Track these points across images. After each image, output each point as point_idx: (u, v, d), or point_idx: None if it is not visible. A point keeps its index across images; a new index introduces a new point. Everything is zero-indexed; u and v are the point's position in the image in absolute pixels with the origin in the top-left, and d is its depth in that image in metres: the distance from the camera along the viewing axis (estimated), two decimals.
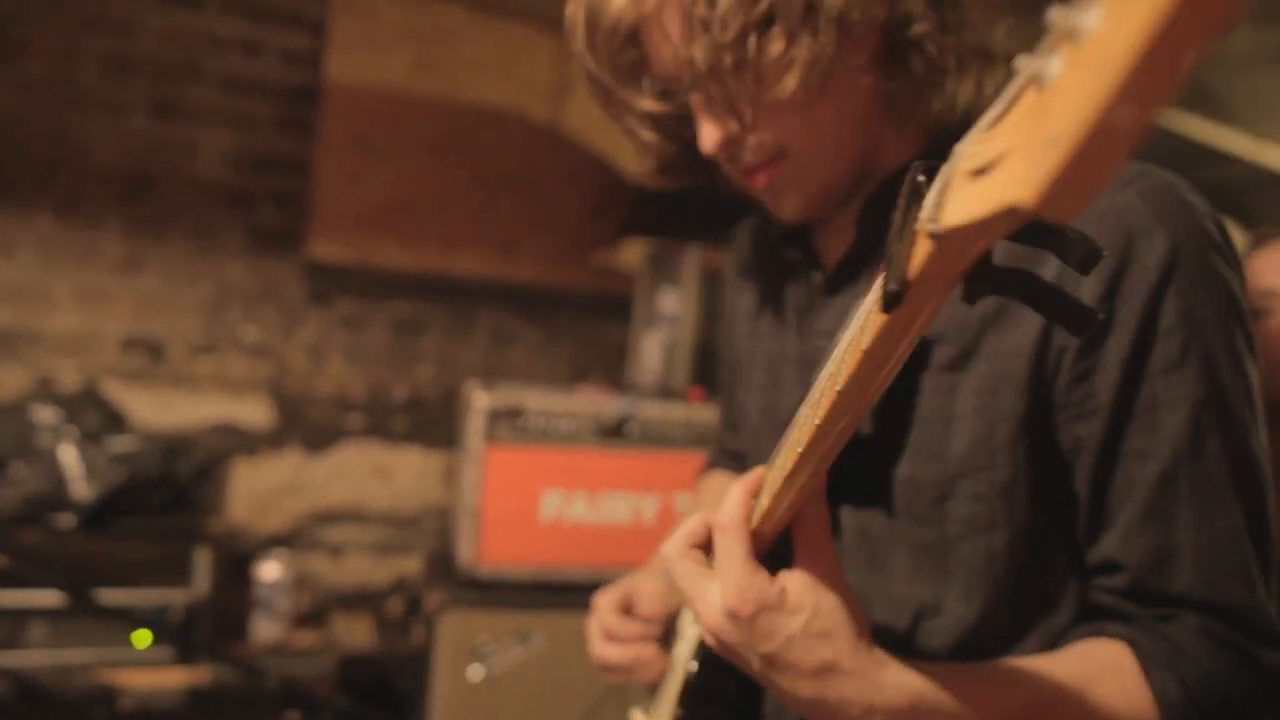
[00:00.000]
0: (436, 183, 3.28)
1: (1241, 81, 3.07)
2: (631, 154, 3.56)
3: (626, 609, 1.15)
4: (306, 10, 3.05)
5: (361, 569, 3.15)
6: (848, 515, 0.93)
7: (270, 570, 2.72)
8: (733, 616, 0.72)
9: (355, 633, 3.07)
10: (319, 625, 3.05)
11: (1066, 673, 0.75)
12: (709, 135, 0.88)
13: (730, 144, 0.88)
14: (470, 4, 3.24)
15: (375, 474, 3.19)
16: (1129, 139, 0.34)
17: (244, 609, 2.75)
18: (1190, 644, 0.76)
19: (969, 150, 0.47)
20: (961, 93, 0.90)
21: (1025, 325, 0.81)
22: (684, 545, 0.81)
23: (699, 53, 0.82)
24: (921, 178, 0.52)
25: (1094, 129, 0.33)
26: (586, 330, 3.53)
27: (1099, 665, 0.76)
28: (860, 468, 0.88)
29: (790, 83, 0.82)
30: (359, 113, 3.12)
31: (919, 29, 0.85)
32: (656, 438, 2.49)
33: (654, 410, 2.52)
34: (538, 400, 2.41)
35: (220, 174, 2.97)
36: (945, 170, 0.49)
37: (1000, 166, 0.41)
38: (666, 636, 1.13)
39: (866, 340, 0.56)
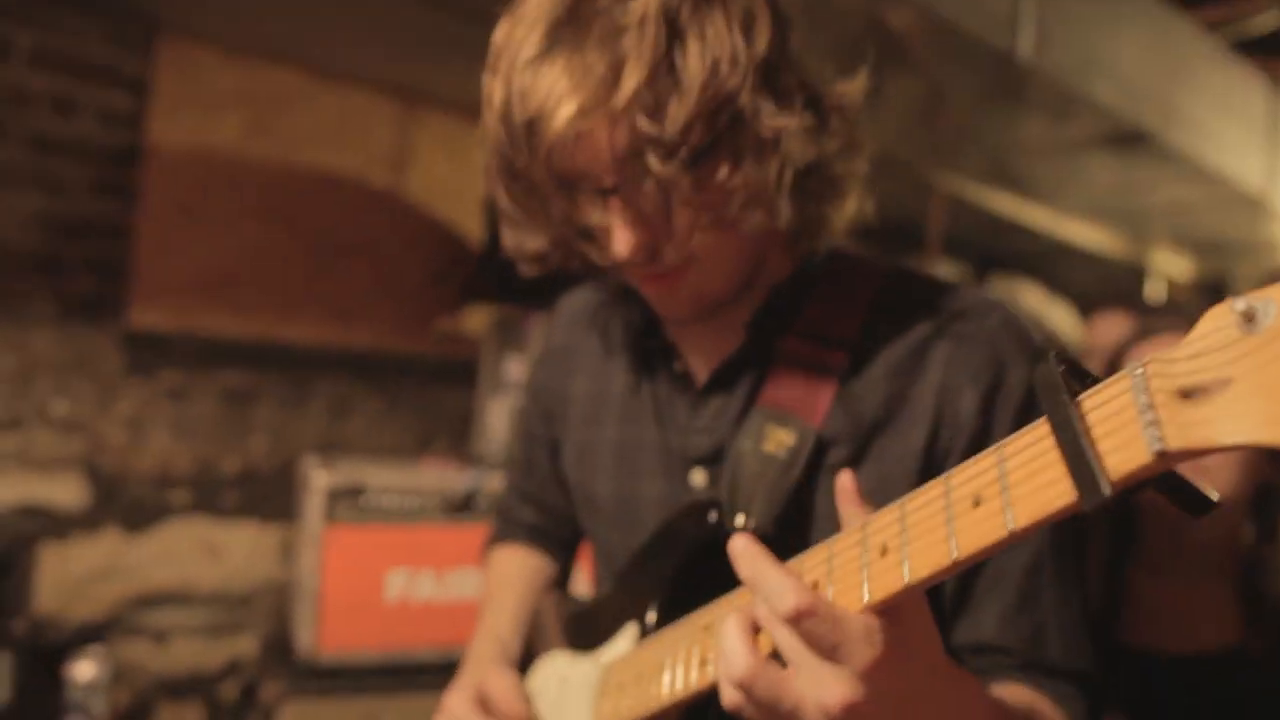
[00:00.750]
0: (269, 249, 3.17)
1: (1043, 165, 3.39)
2: (475, 220, 3.56)
3: (484, 707, 1.09)
4: (127, 67, 2.91)
5: (189, 654, 2.94)
6: None
7: (84, 670, 2.51)
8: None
9: None
10: (143, 714, 2.83)
11: (1015, 704, 0.83)
12: (625, 241, 0.87)
13: (645, 251, 0.88)
14: (306, 68, 3.18)
15: (204, 552, 3.00)
16: None
17: (54, 714, 2.51)
18: (1073, 697, 0.88)
19: (1165, 369, 0.52)
20: (845, 211, 0.97)
21: (913, 430, 0.91)
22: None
23: (643, 167, 0.82)
24: (1061, 368, 0.57)
25: None
26: (430, 399, 3.47)
27: (1028, 700, 0.86)
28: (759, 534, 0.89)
29: (731, 208, 0.85)
30: (184, 177, 2.99)
31: (836, 170, 0.92)
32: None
33: (501, 483, 2.50)
34: (379, 477, 2.34)
35: (26, 239, 2.77)
36: (1122, 384, 0.54)
37: (1228, 398, 0.48)
38: None
39: (1026, 522, 0.58)
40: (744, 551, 0.72)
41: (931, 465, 0.90)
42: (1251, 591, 1.36)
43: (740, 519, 0.92)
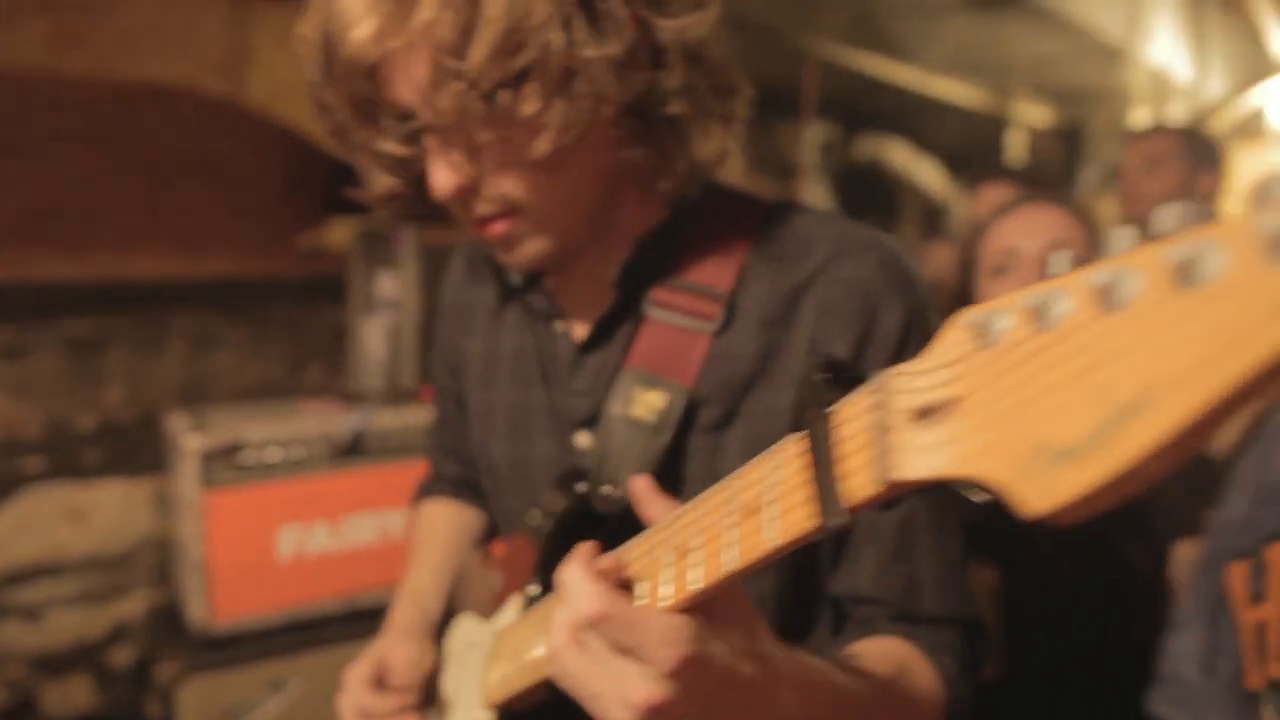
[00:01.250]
0: (98, 177, 2.84)
1: (909, 26, 3.33)
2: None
3: (379, 682, 1.10)
4: None
5: (68, 626, 2.78)
6: None
7: None
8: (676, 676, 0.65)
9: (72, 699, 2.72)
10: (25, 705, 2.68)
11: (883, 665, 0.83)
12: (443, 180, 0.84)
13: (464, 191, 0.85)
14: None
15: (69, 518, 2.79)
16: (1157, 471, 0.35)
17: None
18: (949, 644, 0.89)
19: (908, 384, 0.49)
20: (706, 150, 0.91)
21: (785, 386, 0.89)
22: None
23: (446, 100, 0.77)
24: (829, 407, 0.55)
25: (1138, 464, 0.35)
26: (299, 321, 3.26)
27: (899, 656, 0.86)
28: (630, 530, 0.89)
29: (541, 145, 0.80)
30: None
31: (673, 107, 0.85)
32: (395, 449, 2.36)
33: (388, 419, 2.39)
34: (256, 429, 2.19)
35: None
36: (870, 400, 0.52)
37: (963, 420, 0.44)
38: (426, 702, 1.10)
39: (781, 540, 0.58)
40: (572, 559, 0.73)
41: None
42: None
43: (607, 489, 0.92)
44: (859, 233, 0.94)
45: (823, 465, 0.54)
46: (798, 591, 0.93)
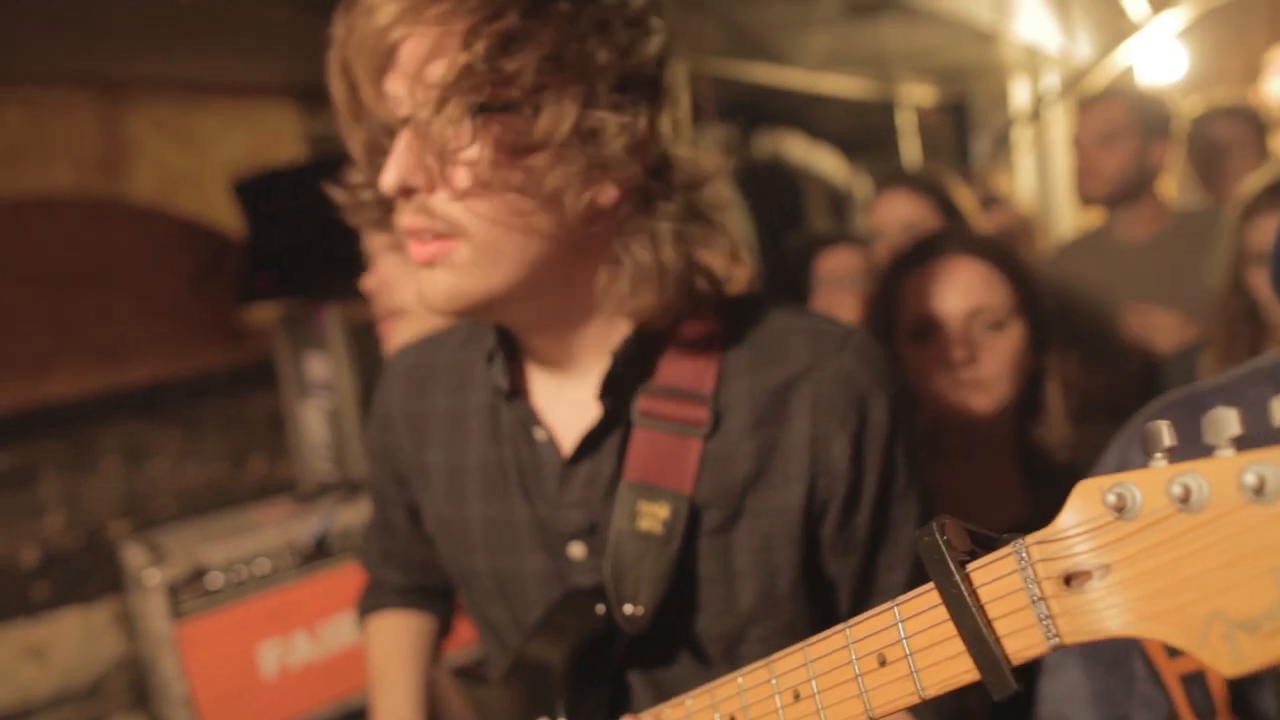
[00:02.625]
0: None
1: (793, 38, 3.41)
2: (226, 208, 3.18)
3: None
4: None
5: None
6: (637, 677, 0.99)
7: None
8: None
9: None
10: None
11: None
12: (393, 170, 0.85)
13: (406, 191, 0.86)
14: None
15: (29, 659, 2.70)
16: None
17: None
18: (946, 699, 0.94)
19: (1047, 551, 0.54)
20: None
21: (790, 485, 0.92)
22: None
23: (436, 84, 0.80)
24: (959, 561, 0.59)
25: None
26: (231, 414, 3.20)
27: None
28: (653, 636, 0.94)
29: (530, 179, 0.84)
30: None
31: (661, 227, 0.90)
32: (360, 545, 2.35)
33: (348, 516, 2.37)
34: (217, 551, 2.16)
35: None
36: (1008, 564, 0.56)
37: (1109, 585, 0.51)
38: None
39: (934, 692, 0.63)
40: None
41: (811, 517, 0.93)
42: (1031, 472, 1.49)
43: (629, 608, 0.93)
44: (830, 327, 0.98)
45: (977, 627, 0.57)
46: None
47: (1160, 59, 4.45)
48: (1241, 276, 1.77)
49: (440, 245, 0.87)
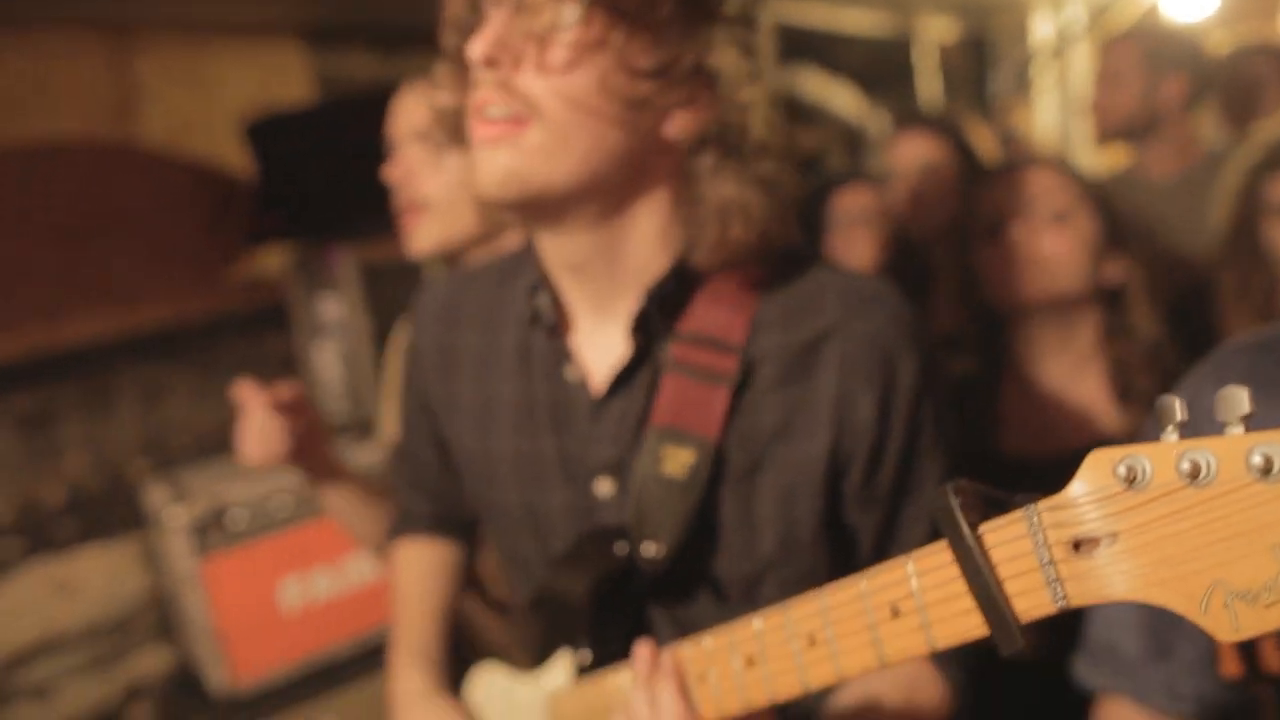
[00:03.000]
0: (11, 249, 2.75)
1: None
2: (236, 150, 3.17)
3: None
4: None
5: (82, 696, 2.78)
6: (658, 612, 1.02)
7: None
8: None
9: None
10: None
11: (893, 694, 0.95)
12: (484, 39, 0.86)
13: (494, 62, 0.86)
14: None
15: (58, 594, 2.77)
16: None
17: None
18: (960, 655, 0.94)
19: (1057, 518, 0.57)
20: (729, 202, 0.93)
21: (814, 438, 0.94)
22: None
23: None
24: (967, 530, 0.62)
25: None
26: (246, 356, 3.22)
27: (910, 678, 0.97)
28: (673, 574, 0.96)
29: (623, 79, 0.86)
30: None
31: (746, 169, 0.91)
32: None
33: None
34: (238, 490, 2.20)
35: None
36: (1019, 528, 0.59)
37: (1116, 552, 0.54)
38: None
39: (944, 644, 0.66)
40: (646, 670, 0.82)
41: (835, 471, 0.95)
42: (1124, 390, 1.51)
43: (648, 547, 0.95)
44: (864, 285, 0.99)
45: (987, 589, 0.60)
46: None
47: None
48: (1254, 227, 1.71)
49: (509, 126, 0.87)
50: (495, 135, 0.87)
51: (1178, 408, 0.53)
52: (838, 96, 5.18)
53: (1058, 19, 4.68)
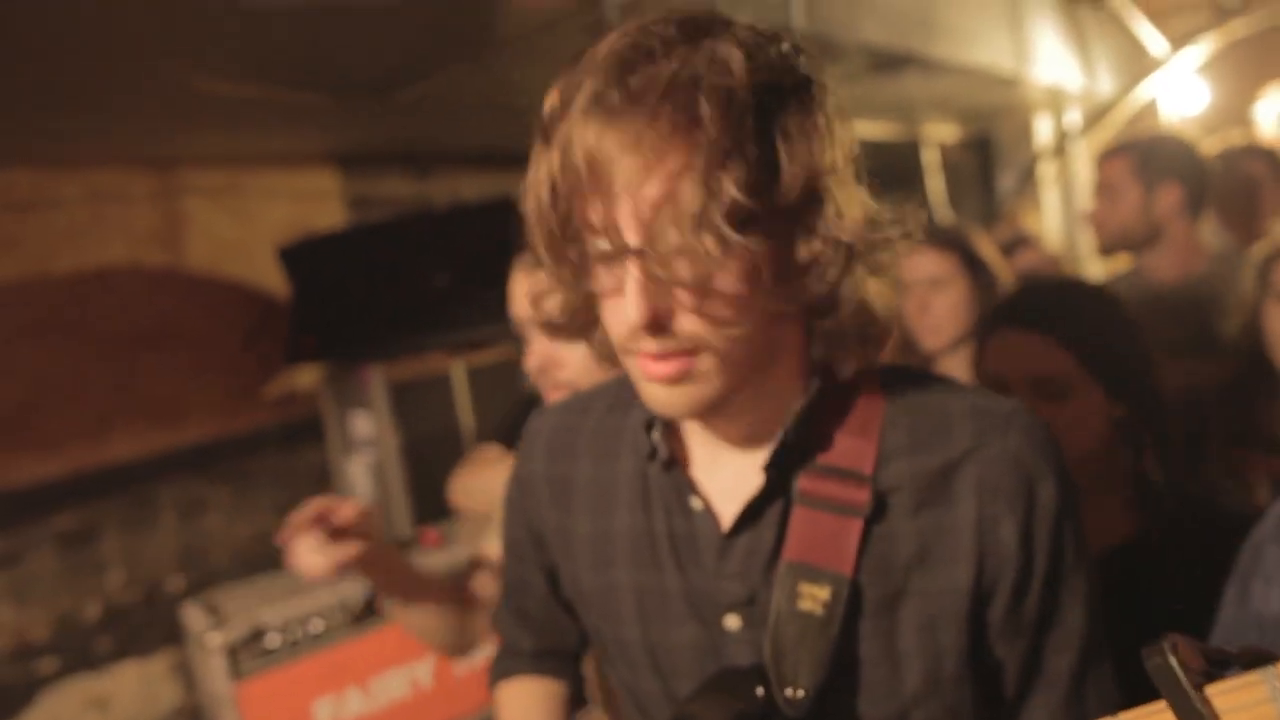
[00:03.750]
0: (60, 369, 2.89)
1: None
2: (274, 274, 3.31)
3: None
4: None
5: None
6: None
7: None
8: None
9: None
10: None
11: None
12: (639, 308, 0.81)
13: (658, 321, 0.82)
14: (37, 164, 2.83)
15: (92, 709, 2.83)
16: None
17: None
18: None
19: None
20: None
21: (957, 565, 0.92)
22: None
23: (712, 231, 0.76)
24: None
25: None
26: (281, 470, 3.33)
27: None
28: (811, 717, 0.93)
29: (784, 291, 0.83)
30: None
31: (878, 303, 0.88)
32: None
33: None
34: (274, 612, 2.27)
35: None
36: (1262, 691, 0.56)
37: None
38: None
39: None
40: None
41: (979, 600, 0.93)
42: (1139, 495, 1.46)
43: (790, 692, 0.92)
44: (993, 403, 0.96)
45: None
46: None
47: (1181, 94, 4.48)
48: (1258, 314, 1.77)
49: (683, 362, 0.84)
50: (668, 374, 0.85)
51: None
52: None
53: (1058, 121, 4.84)
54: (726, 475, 0.97)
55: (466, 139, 3.67)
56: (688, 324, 0.82)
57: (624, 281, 0.82)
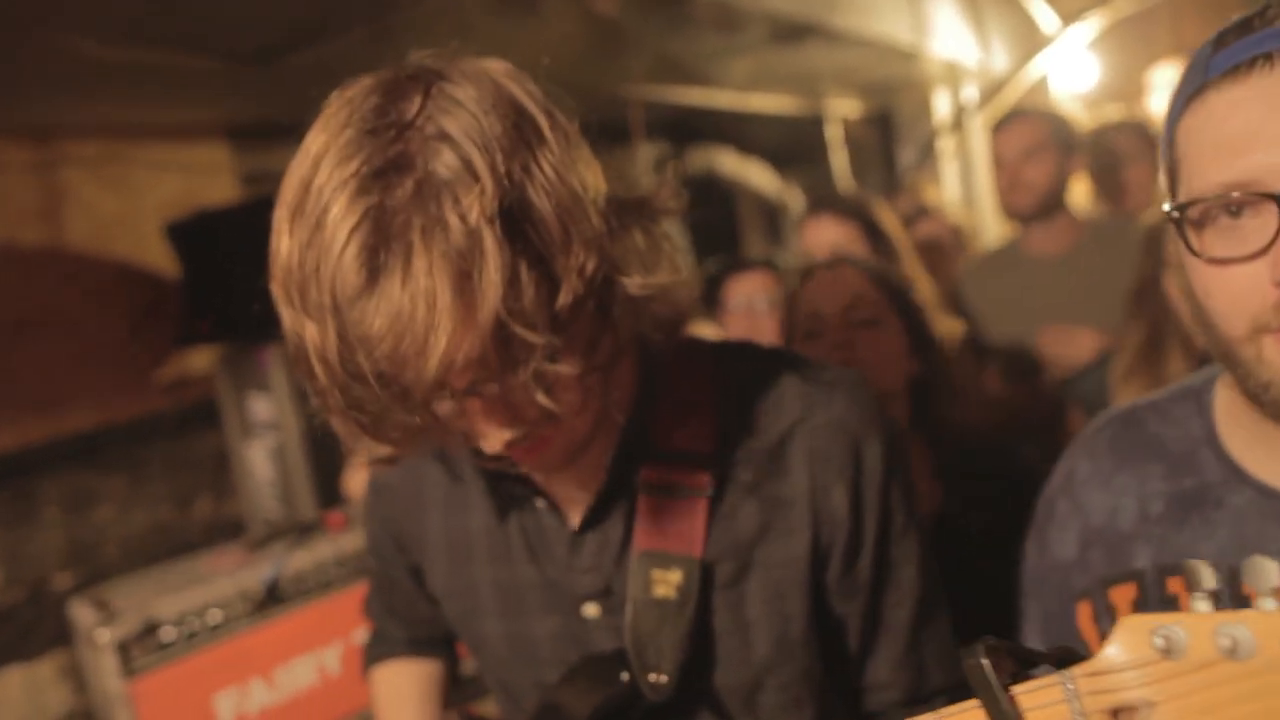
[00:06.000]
0: None
1: (722, 65, 3.50)
2: (161, 251, 3.16)
3: None
4: None
5: None
6: None
7: None
8: None
9: None
10: None
11: None
12: (498, 438, 0.80)
13: (519, 438, 0.81)
14: None
15: None
16: None
17: None
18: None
19: (1094, 685, 0.58)
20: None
21: (794, 536, 0.95)
22: None
23: (521, 358, 0.72)
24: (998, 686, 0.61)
25: None
26: (177, 458, 3.18)
27: None
28: (676, 695, 0.95)
29: (605, 356, 0.81)
30: None
31: (631, 287, 0.83)
32: (314, 587, 2.37)
33: (301, 560, 2.39)
34: (168, 604, 2.17)
35: None
36: (1055, 692, 0.59)
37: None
38: None
39: None
40: None
41: (817, 565, 0.96)
42: (940, 452, 1.56)
43: (654, 677, 0.94)
44: (815, 372, 0.99)
45: None
46: (826, 703, 1.01)
47: (1072, 69, 4.63)
48: (1154, 284, 1.84)
49: (538, 445, 0.84)
50: (533, 455, 0.85)
51: (1205, 574, 0.56)
52: (754, 175, 5.37)
53: (956, 96, 4.95)
54: (566, 476, 0.96)
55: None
56: (541, 422, 0.79)
57: (464, 415, 0.79)
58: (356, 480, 2.65)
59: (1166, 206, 0.82)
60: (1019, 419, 2.35)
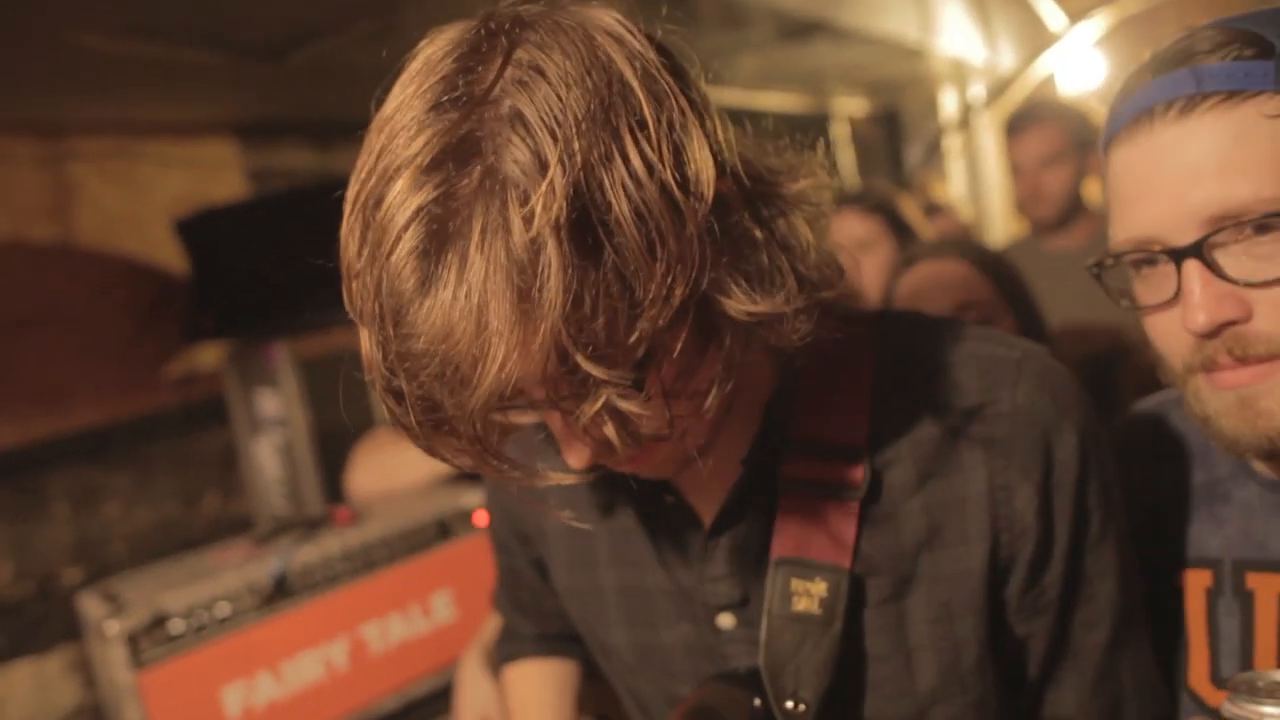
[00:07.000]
0: None
1: (730, 64, 3.50)
2: (170, 248, 3.16)
3: None
4: None
5: None
6: None
7: None
8: None
9: None
10: None
11: None
12: (580, 455, 0.71)
13: (603, 457, 0.73)
14: None
15: None
16: None
17: None
18: None
19: None
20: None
21: (969, 546, 0.81)
22: None
23: (594, 383, 0.62)
24: None
25: None
26: (183, 454, 3.18)
27: None
28: (813, 717, 0.83)
29: (704, 383, 0.70)
30: None
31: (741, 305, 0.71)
32: (321, 581, 2.37)
33: (308, 554, 2.39)
34: (176, 597, 2.17)
35: None
36: None
37: None
38: None
39: None
40: None
41: (995, 579, 0.82)
42: None
43: (790, 705, 0.82)
44: (996, 348, 0.83)
45: None
46: (999, 714, 0.87)
47: (1079, 67, 4.63)
48: None
49: (636, 458, 0.74)
50: (637, 467, 0.76)
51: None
52: None
53: (962, 94, 4.95)
54: (697, 468, 0.82)
55: (371, 109, 3.54)
56: (629, 448, 0.69)
57: (549, 424, 0.72)
58: (357, 479, 2.66)
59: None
60: None
